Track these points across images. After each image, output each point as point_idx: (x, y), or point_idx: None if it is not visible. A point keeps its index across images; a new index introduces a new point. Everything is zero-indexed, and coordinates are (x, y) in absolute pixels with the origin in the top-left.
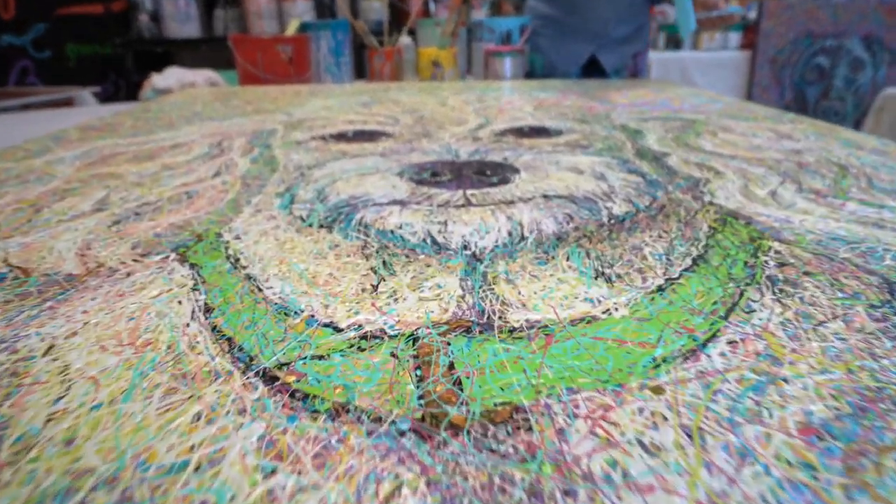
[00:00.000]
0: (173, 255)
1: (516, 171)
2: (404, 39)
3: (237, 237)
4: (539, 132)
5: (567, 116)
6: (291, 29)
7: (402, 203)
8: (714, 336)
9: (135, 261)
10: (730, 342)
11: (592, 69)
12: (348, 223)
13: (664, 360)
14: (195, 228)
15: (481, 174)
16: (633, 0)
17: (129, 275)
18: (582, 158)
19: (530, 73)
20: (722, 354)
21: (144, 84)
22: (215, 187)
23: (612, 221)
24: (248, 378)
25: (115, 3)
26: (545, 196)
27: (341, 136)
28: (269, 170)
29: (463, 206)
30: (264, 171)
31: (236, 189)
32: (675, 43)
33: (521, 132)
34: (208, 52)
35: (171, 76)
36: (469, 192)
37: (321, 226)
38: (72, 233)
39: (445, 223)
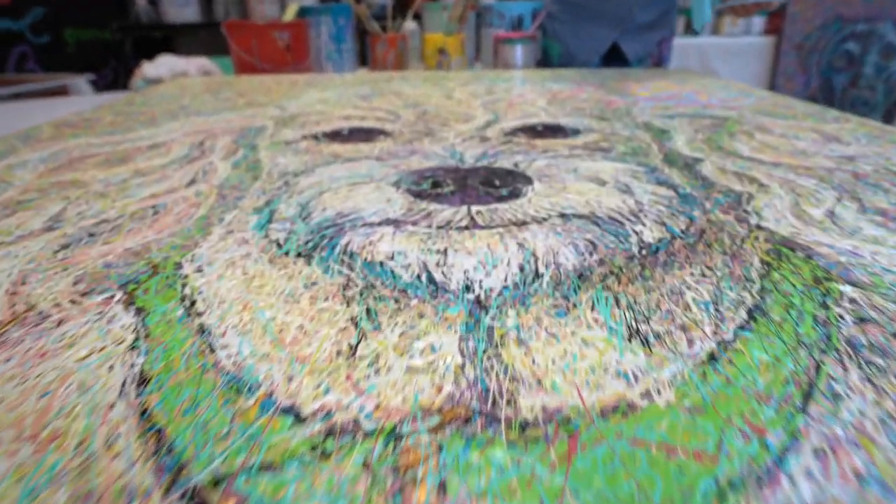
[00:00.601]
0: (119, 295)
1: (529, 180)
2: (409, 25)
3: (199, 269)
4: (554, 131)
5: (584, 112)
6: (290, 14)
7: (396, 223)
8: (793, 439)
9: (73, 302)
10: (817, 453)
11: (613, 57)
12: (331, 251)
13: (731, 485)
14: (153, 256)
15: (489, 185)
16: None
17: (60, 323)
18: (603, 165)
19: (544, 62)
20: (808, 475)
21: (135, 73)
22: (187, 199)
23: (644, 252)
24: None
25: None
26: (562, 215)
27: (335, 135)
28: (251, 177)
29: (467, 227)
30: (245, 178)
31: (210, 202)
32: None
33: (533, 131)
34: (208, 37)
35: (162, 65)
36: (475, 208)
37: (299, 254)
38: (10, 260)
39: (445, 252)
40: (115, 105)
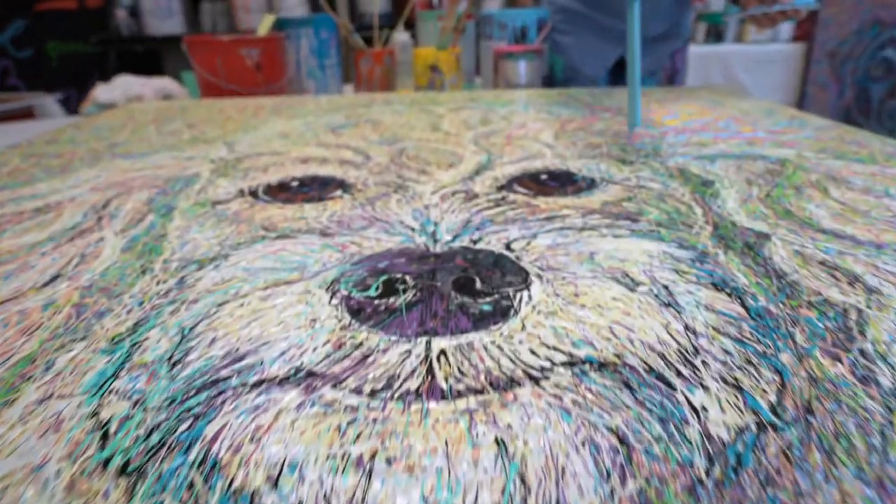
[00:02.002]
0: None
1: (524, 277)
2: (401, 37)
3: None
4: (562, 181)
5: (600, 151)
6: (264, 27)
7: (309, 380)
8: None
9: None
10: None
11: (621, 71)
12: (182, 458)
13: None
14: None
15: (465, 289)
16: None
17: None
18: (630, 245)
19: (549, 78)
20: None
21: (88, 96)
22: (26, 316)
23: (717, 465)
24: None
25: None
26: (571, 363)
27: (281, 189)
28: (141, 268)
29: (419, 394)
30: (130, 271)
31: (55, 323)
32: (716, 35)
33: (536, 181)
34: None
35: (117, 87)
36: (439, 343)
37: (125, 466)
38: None
39: (370, 469)
40: (35, 143)
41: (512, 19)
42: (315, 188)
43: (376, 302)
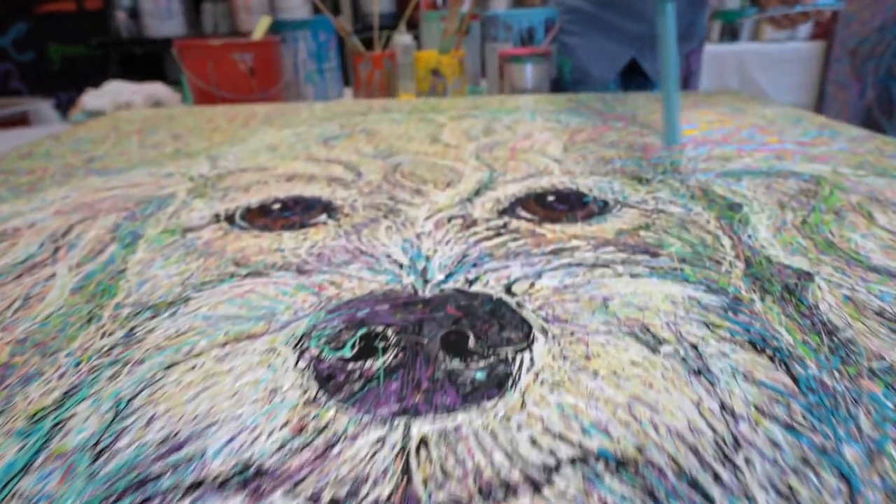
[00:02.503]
0: None
1: (526, 333)
2: (404, 39)
3: None
4: (571, 203)
5: (613, 167)
6: (260, 30)
7: (255, 485)
8: None
9: None
10: None
11: (632, 72)
12: None
13: None
14: None
15: (456, 349)
16: None
17: None
18: (650, 287)
19: (558, 81)
20: None
21: (76, 102)
22: None
23: None
24: None
25: (88, 0)
26: (582, 459)
27: (261, 212)
28: (87, 315)
29: (390, 501)
30: (75, 318)
31: None
32: (731, 33)
33: (542, 203)
34: None
35: (106, 94)
36: (419, 429)
37: None
38: None
39: None
40: (8, 157)
41: (518, 20)
42: (298, 212)
43: (350, 366)
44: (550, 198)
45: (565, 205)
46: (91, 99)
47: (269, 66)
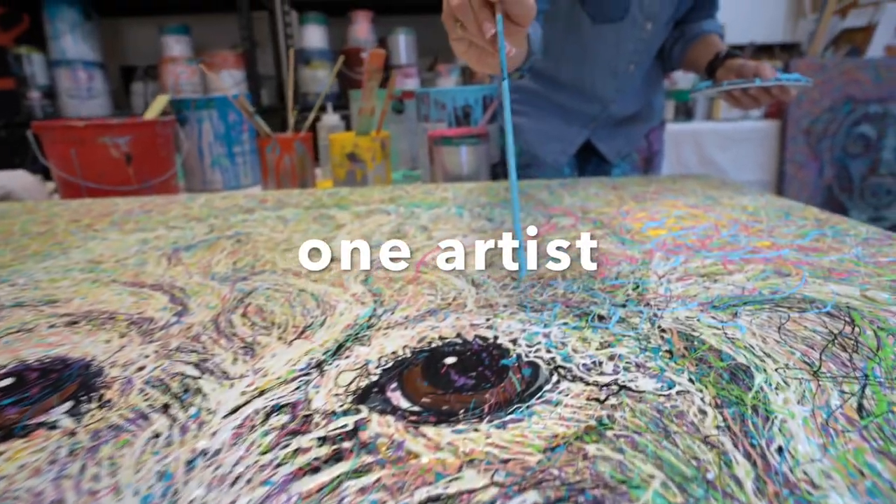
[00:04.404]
0: None
1: None
2: (331, 119)
3: None
4: (480, 370)
5: (554, 293)
6: (154, 110)
7: None
8: None
9: None
10: None
11: (588, 154)
12: None
13: None
14: None
15: None
16: (643, 70)
17: None
18: None
19: (501, 165)
20: None
21: None
22: None
23: None
24: None
25: (1, 81)
26: None
27: None
28: None
29: None
30: None
31: None
32: (685, 112)
33: (432, 372)
34: None
35: None
36: None
37: None
38: None
39: None
40: None
41: (451, 98)
42: (31, 397)
43: None
44: (449, 360)
45: (470, 376)
46: None
47: (152, 151)
